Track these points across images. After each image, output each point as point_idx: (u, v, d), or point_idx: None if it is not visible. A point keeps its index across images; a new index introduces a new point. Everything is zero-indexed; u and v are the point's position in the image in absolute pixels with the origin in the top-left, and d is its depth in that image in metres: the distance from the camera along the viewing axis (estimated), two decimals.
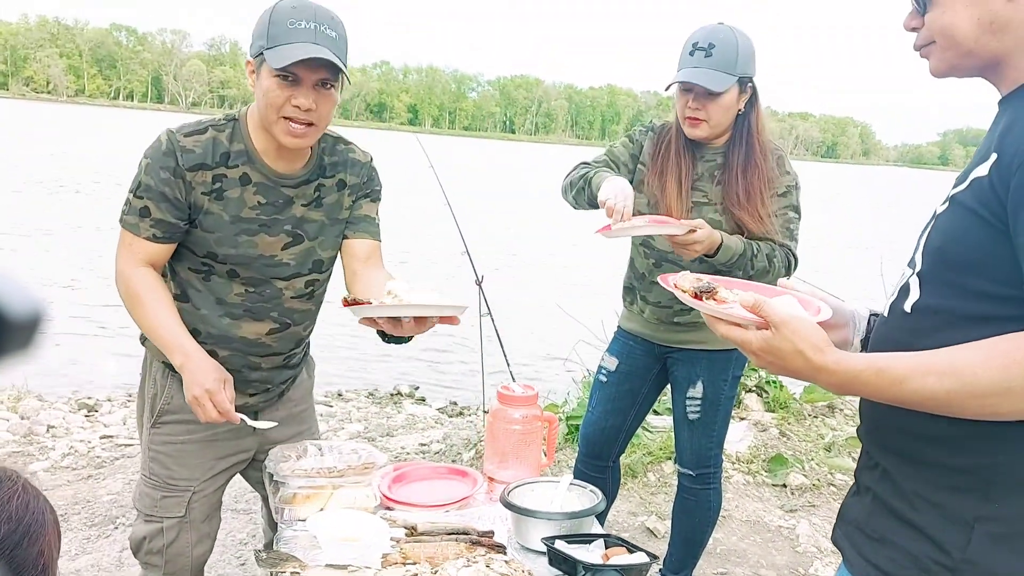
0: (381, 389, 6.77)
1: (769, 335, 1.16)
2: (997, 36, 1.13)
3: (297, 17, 1.80)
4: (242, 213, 1.97)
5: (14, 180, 19.20)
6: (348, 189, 2.11)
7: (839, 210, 29.38)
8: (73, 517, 3.52)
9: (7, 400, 5.23)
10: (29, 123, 49.80)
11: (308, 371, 2.35)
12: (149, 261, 1.97)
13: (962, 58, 1.18)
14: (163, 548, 2.13)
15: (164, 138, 1.93)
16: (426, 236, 13.60)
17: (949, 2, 1.16)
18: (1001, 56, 1.15)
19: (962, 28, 1.15)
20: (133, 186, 1.95)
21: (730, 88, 2.42)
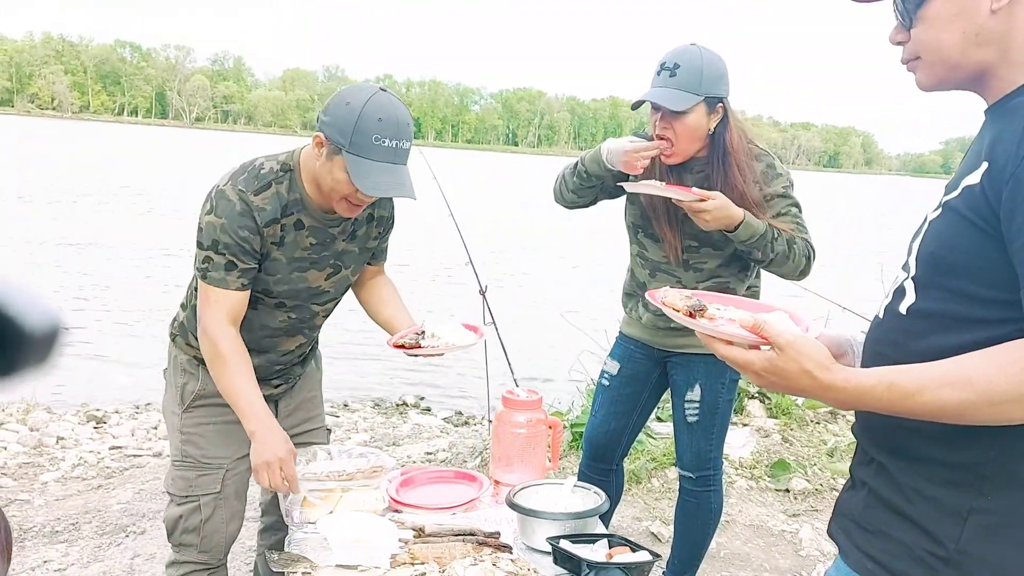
0: (387, 400, 6.81)
1: (773, 355, 1.17)
2: (983, 48, 1.16)
3: (382, 133, 1.93)
4: (296, 254, 2.13)
5: (29, 192, 19.33)
6: (376, 221, 2.29)
7: (841, 219, 29.39)
8: (84, 526, 3.56)
9: (16, 412, 5.27)
10: (38, 139, 50.10)
11: (317, 363, 2.55)
12: (235, 313, 2.10)
13: (949, 71, 1.21)
14: (200, 525, 2.26)
15: (236, 198, 2.03)
16: (431, 247, 13.68)
17: (934, 17, 1.18)
18: (986, 67, 1.18)
19: (948, 42, 1.18)
20: (208, 244, 2.04)
21: (694, 108, 2.45)
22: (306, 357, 2.44)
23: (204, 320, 2.09)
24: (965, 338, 1.09)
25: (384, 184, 1.95)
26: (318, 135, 1.99)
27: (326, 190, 2.03)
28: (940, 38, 1.19)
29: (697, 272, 2.63)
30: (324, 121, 1.99)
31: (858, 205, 47.89)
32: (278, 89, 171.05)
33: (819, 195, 49.41)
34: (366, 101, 1.94)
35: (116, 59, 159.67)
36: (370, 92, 1.97)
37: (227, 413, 2.24)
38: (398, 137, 1.96)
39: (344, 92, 2.01)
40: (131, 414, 5.71)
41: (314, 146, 2.02)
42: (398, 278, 2.60)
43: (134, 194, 21.68)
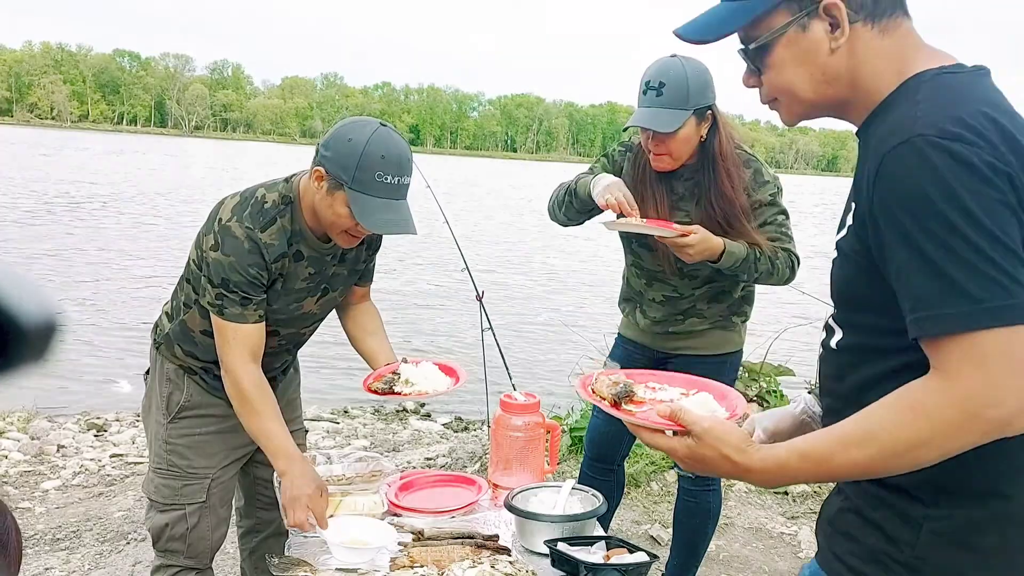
0: (387, 406, 6.82)
1: (693, 443, 1.21)
2: (832, 85, 1.22)
3: (385, 171, 1.95)
4: (295, 285, 2.16)
5: (28, 200, 19.36)
6: (364, 244, 2.29)
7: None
8: (86, 533, 3.58)
9: (17, 421, 5.29)
10: (37, 147, 50.15)
11: (295, 368, 2.59)
12: (256, 348, 2.12)
13: (807, 109, 1.27)
14: (186, 533, 2.27)
15: (243, 236, 2.04)
16: (429, 253, 13.70)
17: (780, 64, 1.23)
18: (841, 100, 1.24)
19: (798, 84, 1.23)
20: (219, 282, 2.05)
21: (684, 123, 2.46)
22: (288, 366, 2.48)
23: (227, 360, 2.10)
24: (891, 364, 1.15)
25: (387, 221, 1.97)
26: (318, 169, 2.00)
27: (327, 223, 2.05)
28: (789, 81, 1.24)
29: (692, 279, 2.65)
30: (325, 156, 1.99)
31: None
32: (277, 97, 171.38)
33: (817, 198, 49.46)
34: (368, 138, 1.95)
35: (115, 68, 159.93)
36: (372, 128, 1.98)
37: (212, 423, 2.28)
38: (400, 174, 1.98)
39: (345, 128, 2.01)
40: (132, 422, 5.72)
41: (314, 179, 2.02)
42: (394, 284, 2.62)
43: (129, 200, 21.73)
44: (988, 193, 1.03)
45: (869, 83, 1.20)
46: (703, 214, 2.55)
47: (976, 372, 1.02)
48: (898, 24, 1.20)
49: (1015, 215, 1.04)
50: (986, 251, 1.02)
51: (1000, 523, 1.13)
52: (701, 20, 1.26)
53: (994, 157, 1.04)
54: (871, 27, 1.18)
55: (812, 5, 1.17)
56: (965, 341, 1.03)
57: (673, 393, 1.58)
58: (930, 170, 1.05)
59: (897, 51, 1.20)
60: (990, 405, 1.02)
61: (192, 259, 2.16)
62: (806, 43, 1.19)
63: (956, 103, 1.11)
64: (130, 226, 17.31)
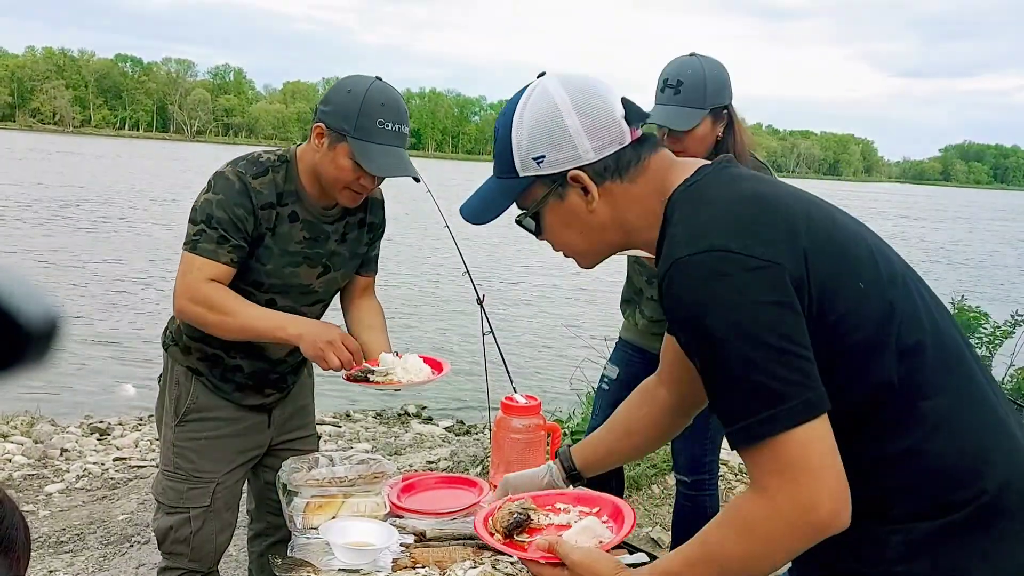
0: (389, 410, 6.84)
1: (567, 572, 1.33)
2: (605, 233, 1.31)
3: (385, 117, 1.99)
4: (289, 247, 2.15)
5: (35, 206, 19.40)
6: (367, 227, 2.33)
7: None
8: (89, 536, 3.60)
9: (21, 425, 5.32)
10: (40, 153, 50.24)
11: (309, 371, 2.56)
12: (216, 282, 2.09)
13: (595, 256, 1.37)
14: (190, 536, 2.28)
15: (234, 178, 2.07)
16: (432, 258, 13.72)
17: (551, 228, 1.33)
18: (621, 241, 1.33)
19: (573, 242, 1.34)
20: (202, 218, 2.05)
21: (701, 122, 2.48)
22: (299, 366, 2.46)
23: (184, 285, 2.05)
24: None
25: (390, 165, 2.02)
26: (318, 125, 2.03)
27: (329, 179, 2.06)
28: (564, 241, 1.35)
29: None
30: (325, 111, 2.03)
31: (860, 212, 47.82)
32: (279, 102, 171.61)
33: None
34: (367, 88, 2.01)
35: (117, 73, 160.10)
36: (369, 80, 2.05)
37: (218, 427, 2.29)
38: (399, 121, 2.02)
39: (343, 82, 2.07)
40: (134, 425, 5.75)
41: (314, 137, 2.06)
42: (397, 289, 2.64)
43: (137, 204, 21.77)
44: (750, 296, 1.07)
45: (637, 224, 1.29)
46: None
47: (782, 482, 1.06)
48: (647, 164, 1.27)
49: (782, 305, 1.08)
50: (756, 360, 1.06)
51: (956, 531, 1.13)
52: (477, 200, 1.36)
53: (751, 256, 1.08)
54: (620, 181, 1.27)
55: (561, 178, 1.26)
56: (765, 450, 1.07)
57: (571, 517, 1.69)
58: (692, 290, 1.11)
59: (652, 187, 1.27)
60: (807, 511, 1.06)
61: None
62: (566, 209, 1.29)
63: (702, 216, 1.17)
64: (124, 230, 17.34)
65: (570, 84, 1.27)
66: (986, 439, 1.15)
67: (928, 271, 18.87)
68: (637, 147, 1.27)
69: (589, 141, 1.24)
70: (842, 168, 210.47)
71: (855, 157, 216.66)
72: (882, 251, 1.23)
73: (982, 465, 1.13)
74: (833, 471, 1.07)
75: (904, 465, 1.12)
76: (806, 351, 1.08)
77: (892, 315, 1.14)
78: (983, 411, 1.17)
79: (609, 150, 1.25)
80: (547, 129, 1.25)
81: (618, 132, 1.26)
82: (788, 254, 1.10)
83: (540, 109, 1.26)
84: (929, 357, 1.14)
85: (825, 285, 1.11)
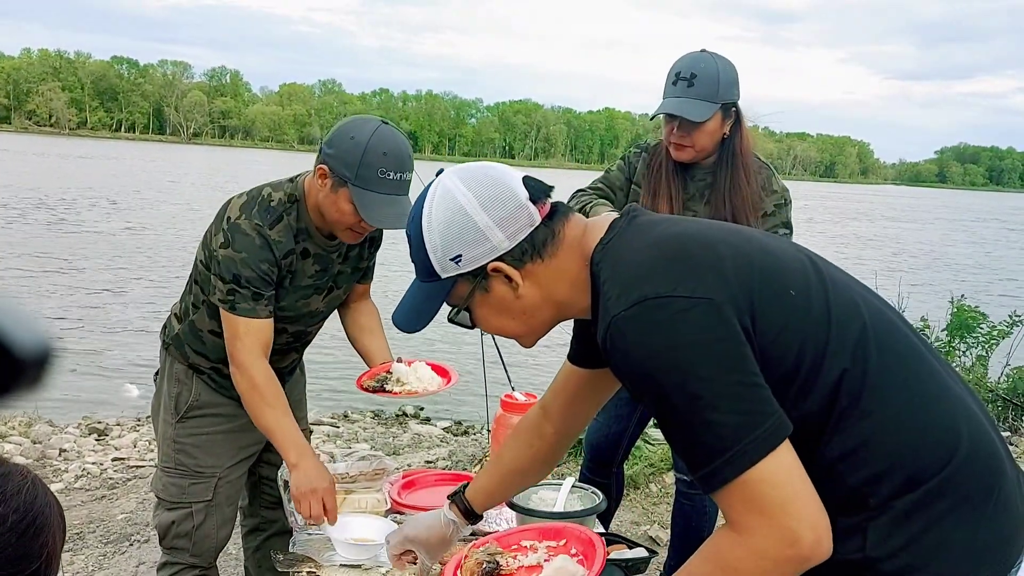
0: (386, 410, 6.85)
1: None
2: (537, 313, 1.32)
3: (387, 167, 2.00)
4: (302, 282, 2.19)
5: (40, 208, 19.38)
6: (367, 242, 2.34)
7: (836, 230, 29.48)
8: (89, 536, 3.60)
9: (19, 426, 5.32)
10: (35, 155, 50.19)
11: (301, 370, 2.59)
12: (266, 342, 2.13)
13: (535, 334, 1.37)
14: (191, 531, 2.29)
15: (253, 233, 2.07)
16: None
17: (485, 318, 1.34)
18: (557, 314, 1.34)
19: (508, 327, 1.35)
20: (230, 278, 2.07)
21: (713, 115, 2.49)
22: (294, 368, 2.50)
23: (237, 355, 2.10)
24: None
25: (390, 216, 2.00)
26: (322, 167, 2.04)
27: (331, 220, 2.09)
28: (499, 327, 1.36)
29: None
30: (328, 154, 2.03)
31: (855, 215, 47.99)
32: (275, 104, 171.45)
33: (816, 203, 49.53)
34: (371, 135, 1.99)
35: (113, 75, 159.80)
36: (374, 126, 2.02)
37: (220, 422, 2.31)
38: (402, 169, 2.02)
39: (347, 126, 2.05)
40: (132, 426, 5.75)
41: (318, 177, 2.06)
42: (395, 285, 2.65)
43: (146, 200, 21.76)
44: (690, 337, 1.08)
45: (567, 296, 1.31)
46: (711, 213, 2.59)
47: (759, 520, 1.06)
48: (562, 239, 1.29)
49: (722, 339, 1.08)
50: (708, 400, 1.07)
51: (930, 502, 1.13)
52: (408, 308, 1.36)
53: (679, 297, 1.10)
54: (541, 260, 1.28)
55: (482, 272, 1.28)
56: (736, 490, 1.08)
57: (540, 556, 1.72)
58: (633, 345, 1.12)
59: (571, 255, 1.29)
60: (789, 546, 1.06)
61: (200, 259, 2.19)
62: (494, 299, 1.30)
63: (625, 270, 1.18)
64: (120, 230, 17.33)
65: (470, 179, 1.28)
66: (946, 411, 1.16)
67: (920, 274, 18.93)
68: (548, 223, 1.29)
69: (501, 231, 1.25)
70: (838, 170, 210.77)
71: (851, 159, 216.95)
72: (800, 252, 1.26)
73: (945, 435, 1.14)
74: (806, 498, 1.07)
75: (871, 454, 1.13)
76: (756, 377, 1.09)
77: (829, 313, 1.15)
78: (937, 387, 1.18)
79: (522, 235, 1.26)
80: (457, 229, 1.26)
81: (527, 216, 1.27)
82: (716, 285, 1.11)
83: (446, 210, 1.27)
84: (873, 344, 1.15)
85: (759, 303, 1.11)
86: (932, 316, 6.41)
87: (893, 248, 25.52)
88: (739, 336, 1.09)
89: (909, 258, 23.09)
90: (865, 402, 1.13)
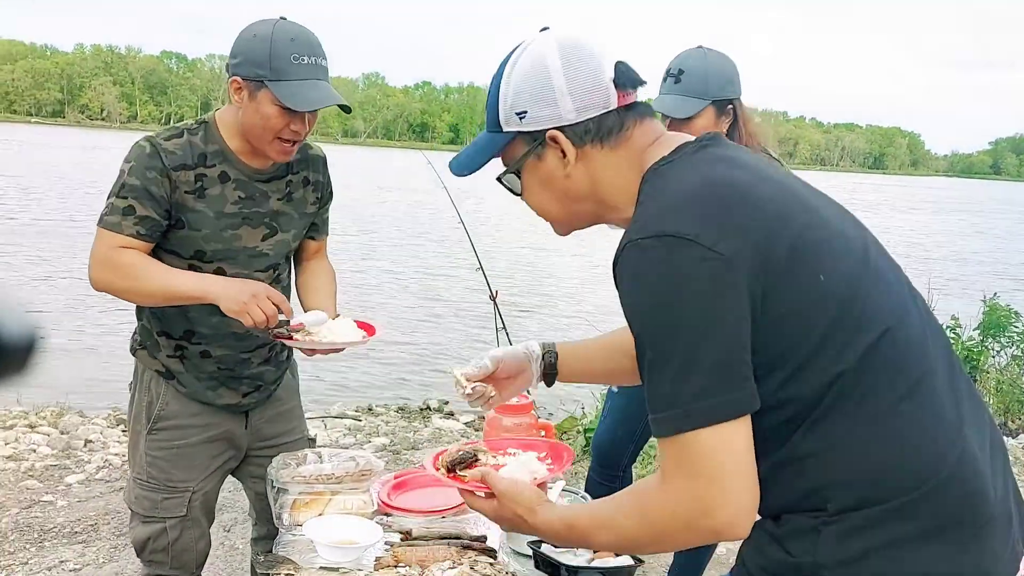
0: (411, 404, 6.86)
1: (496, 504, 1.37)
2: (579, 202, 1.31)
3: (298, 52, 1.95)
4: (225, 209, 2.10)
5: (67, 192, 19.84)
6: (312, 186, 2.28)
7: (886, 222, 28.87)
8: (103, 527, 3.65)
9: (50, 416, 5.42)
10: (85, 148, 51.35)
11: (292, 372, 2.49)
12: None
13: (568, 224, 1.37)
14: (168, 546, 2.24)
15: (146, 143, 2.04)
16: (457, 252, 13.72)
17: (529, 188, 1.33)
18: (594, 212, 1.33)
19: (547, 206, 1.34)
20: (115, 189, 2.03)
21: (702, 112, 2.44)
22: (275, 359, 2.34)
23: (92, 258, 2.02)
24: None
25: (316, 99, 1.96)
26: (234, 79, 2.01)
27: (258, 133, 2.02)
28: (539, 203, 1.35)
29: None
30: (236, 63, 2.00)
31: (904, 207, 46.94)
32: None
33: (864, 195, 48.56)
34: (273, 28, 1.97)
35: (163, 69, 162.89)
36: (272, 21, 2.00)
37: (189, 435, 2.23)
38: (314, 54, 1.97)
39: (246, 30, 2.02)
40: None
41: (232, 94, 2.02)
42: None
43: None
44: (692, 287, 1.06)
45: (611, 196, 1.29)
46: None
47: (684, 482, 1.07)
48: (630, 134, 1.27)
49: (724, 298, 1.06)
50: (692, 350, 1.06)
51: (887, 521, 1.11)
52: (465, 153, 1.37)
53: (700, 245, 1.06)
54: (601, 147, 1.26)
55: (540, 137, 1.26)
56: (675, 445, 1.08)
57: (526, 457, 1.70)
58: (638, 275, 1.11)
59: (631, 158, 1.26)
60: (703, 515, 1.07)
61: None
62: (544, 170, 1.29)
63: (665, 198, 1.15)
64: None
65: (565, 43, 1.26)
66: (931, 439, 1.12)
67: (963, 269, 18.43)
68: (622, 113, 1.26)
69: (572, 101, 1.23)
70: (888, 162, 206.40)
71: (901, 150, 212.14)
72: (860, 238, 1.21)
73: (922, 462, 1.11)
74: (741, 479, 1.07)
75: (840, 459, 1.11)
76: (740, 350, 1.08)
77: (853, 310, 1.11)
78: (933, 416, 1.13)
79: (591, 113, 1.24)
80: (532, 85, 1.25)
81: (603, 95, 1.24)
82: (740, 247, 1.07)
83: (529, 65, 1.26)
84: (885, 355, 1.11)
85: (779, 280, 1.08)
86: (963, 313, 6.21)
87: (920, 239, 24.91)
88: (741, 303, 1.07)
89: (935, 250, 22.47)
90: (850, 408, 1.10)
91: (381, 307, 10.36)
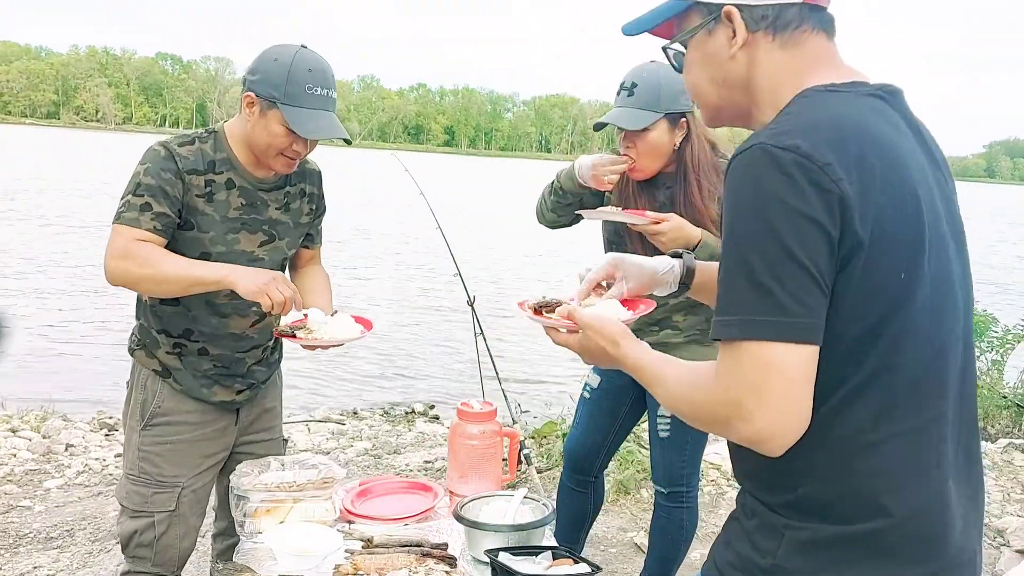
0: (397, 407, 6.86)
1: (580, 337, 1.43)
2: (733, 91, 1.27)
3: (314, 83, 2.09)
4: (228, 214, 2.21)
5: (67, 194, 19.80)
6: (307, 198, 2.41)
7: None
8: (79, 533, 3.65)
9: (33, 420, 5.41)
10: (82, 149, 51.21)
11: (278, 377, 2.58)
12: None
13: (714, 112, 1.33)
14: (153, 541, 2.28)
15: (160, 148, 2.15)
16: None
17: (690, 63, 1.31)
18: (743, 109, 1.28)
19: (702, 86, 1.30)
20: (130, 188, 2.12)
21: (655, 125, 2.47)
22: (266, 360, 2.44)
23: (109, 250, 2.08)
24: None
25: (321, 128, 2.09)
26: (249, 94, 2.11)
27: (262, 147, 2.14)
28: (695, 81, 1.31)
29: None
30: (253, 80, 2.11)
31: None
32: None
33: None
34: (294, 55, 2.09)
35: (158, 71, 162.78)
36: (295, 48, 2.13)
37: (183, 431, 2.29)
38: (327, 86, 2.12)
39: (269, 51, 2.13)
40: None
41: (244, 107, 2.13)
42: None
43: None
44: (799, 208, 1.04)
45: (763, 93, 1.24)
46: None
47: (733, 383, 1.08)
48: (805, 39, 1.21)
49: (825, 235, 1.04)
50: (775, 265, 1.04)
51: (859, 541, 1.12)
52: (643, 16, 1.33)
53: (825, 174, 1.04)
54: (772, 39, 1.21)
55: (716, 11, 1.22)
56: (733, 350, 1.07)
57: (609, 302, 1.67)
58: (752, 178, 1.08)
59: (797, 65, 1.21)
60: (739, 419, 1.07)
61: None
62: (711, 46, 1.25)
63: (814, 117, 1.11)
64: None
65: None
66: (915, 481, 1.12)
67: None
68: (804, 11, 1.20)
69: None
70: None
71: None
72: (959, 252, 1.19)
73: (896, 496, 1.11)
74: (787, 402, 1.05)
75: (825, 472, 1.12)
76: (822, 285, 1.05)
77: (899, 324, 1.09)
78: (925, 463, 1.13)
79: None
80: None
81: None
82: (860, 198, 1.05)
83: None
84: (903, 383, 1.11)
85: (868, 255, 1.06)
86: None
87: None
88: (833, 239, 1.04)
89: None
90: (848, 426, 1.11)
91: (374, 310, 10.36)
